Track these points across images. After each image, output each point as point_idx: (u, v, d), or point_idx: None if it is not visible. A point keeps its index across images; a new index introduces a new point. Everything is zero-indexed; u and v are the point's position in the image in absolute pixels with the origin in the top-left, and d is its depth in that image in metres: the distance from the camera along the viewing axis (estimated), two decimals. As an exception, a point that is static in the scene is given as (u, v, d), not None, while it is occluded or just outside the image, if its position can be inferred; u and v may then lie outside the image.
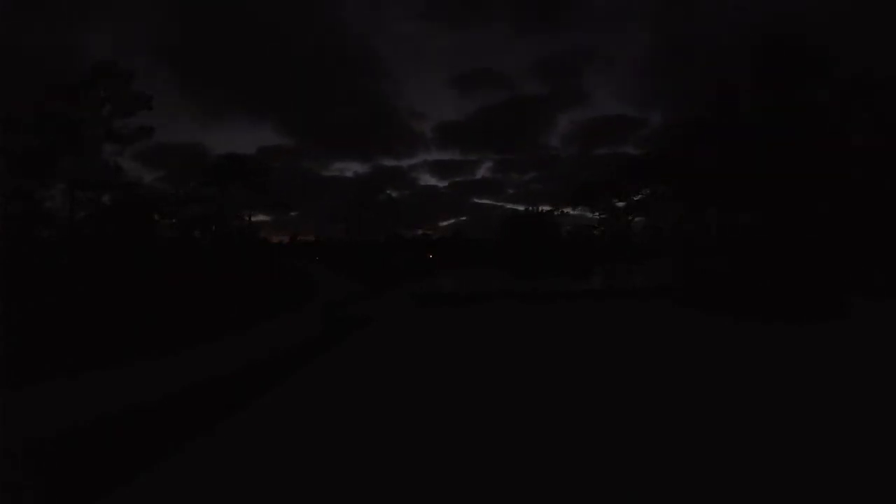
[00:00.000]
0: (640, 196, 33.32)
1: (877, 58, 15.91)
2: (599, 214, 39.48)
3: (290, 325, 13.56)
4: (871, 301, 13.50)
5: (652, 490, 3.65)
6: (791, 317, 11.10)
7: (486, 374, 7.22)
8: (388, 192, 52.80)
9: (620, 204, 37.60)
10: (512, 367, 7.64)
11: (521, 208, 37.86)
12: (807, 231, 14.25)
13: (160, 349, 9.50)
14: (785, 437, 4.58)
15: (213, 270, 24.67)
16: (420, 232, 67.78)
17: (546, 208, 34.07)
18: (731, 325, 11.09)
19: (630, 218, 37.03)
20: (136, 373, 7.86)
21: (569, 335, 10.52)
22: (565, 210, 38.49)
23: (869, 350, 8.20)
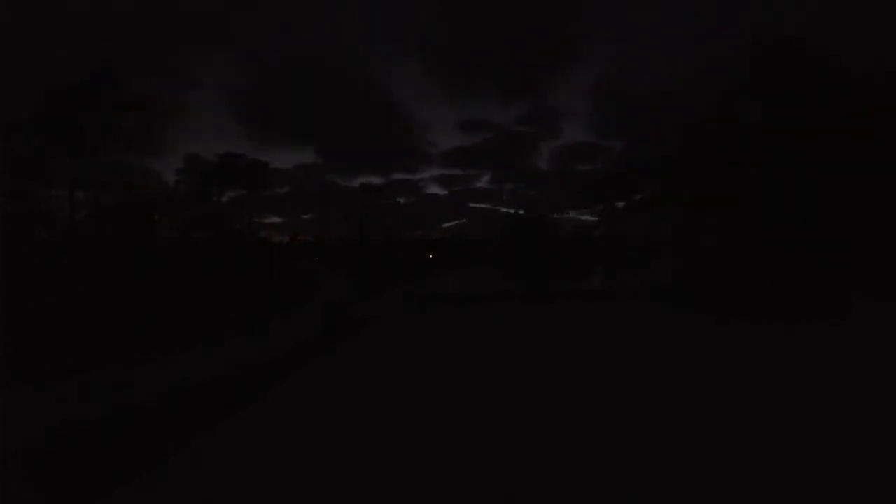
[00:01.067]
0: (638, 197, 33.37)
1: (877, 57, 15.90)
2: (599, 216, 39.52)
3: (289, 326, 13.56)
4: (870, 302, 13.50)
5: (637, 483, 3.66)
6: (792, 318, 11.09)
7: (480, 375, 7.22)
8: (396, 197, 53.10)
9: (620, 205, 37.60)
10: (507, 366, 7.63)
11: (513, 211, 38.30)
12: (807, 232, 14.22)
13: (161, 349, 9.50)
14: (779, 439, 4.58)
15: (213, 270, 24.67)
16: (419, 233, 67.99)
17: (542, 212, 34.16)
18: (732, 327, 11.08)
19: (628, 219, 37.02)
20: (136, 374, 7.85)
21: (564, 336, 10.51)
22: (565, 212, 38.57)
23: (869, 352, 8.19)
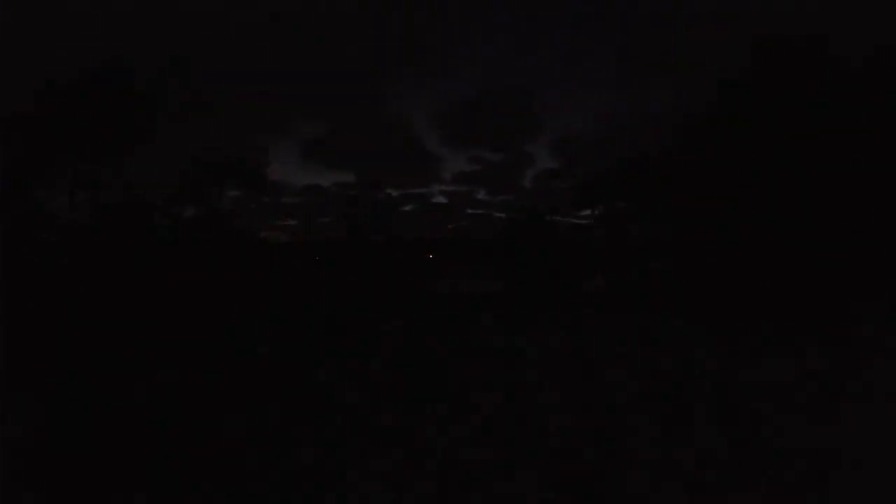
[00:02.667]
0: (638, 198, 33.31)
1: (878, 56, 15.90)
2: (597, 218, 39.43)
3: (290, 325, 13.55)
4: (871, 302, 13.44)
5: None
6: (793, 319, 11.05)
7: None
8: (403, 204, 53.80)
9: (620, 206, 37.51)
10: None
11: (509, 215, 38.82)
12: (807, 232, 14.21)
13: (163, 350, 9.48)
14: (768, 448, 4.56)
15: (212, 270, 24.68)
16: (422, 234, 68.32)
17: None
18: (732, 329, 11.05)
19: (628, 220, 36.93)
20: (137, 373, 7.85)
21: (565, 334, 10.49)
22: (563, 215, 38.59)
23: (877, 356, 8.15)
